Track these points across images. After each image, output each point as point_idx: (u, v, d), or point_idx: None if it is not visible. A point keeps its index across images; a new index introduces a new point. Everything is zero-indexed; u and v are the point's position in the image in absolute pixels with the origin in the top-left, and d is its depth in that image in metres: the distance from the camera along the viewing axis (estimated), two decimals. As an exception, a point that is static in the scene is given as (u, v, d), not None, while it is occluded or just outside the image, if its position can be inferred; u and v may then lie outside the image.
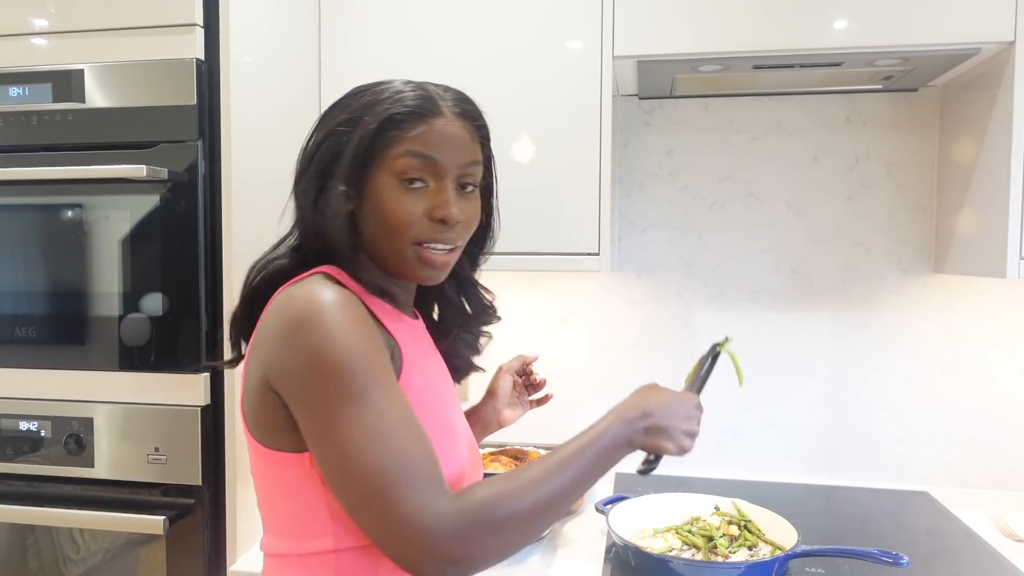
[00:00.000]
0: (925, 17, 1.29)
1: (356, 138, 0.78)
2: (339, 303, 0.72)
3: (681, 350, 1.71)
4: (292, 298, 0.73)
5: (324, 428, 0.70)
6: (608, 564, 1.22)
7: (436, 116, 0.80)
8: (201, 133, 1.21)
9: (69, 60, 1.25)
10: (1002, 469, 1.60)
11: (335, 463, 0.69)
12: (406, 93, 0.80)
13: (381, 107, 0.79)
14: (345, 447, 0.68)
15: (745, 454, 1.70)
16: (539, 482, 0.73)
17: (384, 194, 0.79)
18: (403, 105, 0.79)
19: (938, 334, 1.62)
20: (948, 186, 1.56)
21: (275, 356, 0.73)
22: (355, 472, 0.68)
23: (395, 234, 0.80)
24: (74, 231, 1.24)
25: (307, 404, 0.71)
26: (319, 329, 0.70)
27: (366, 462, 0.68)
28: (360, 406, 0.69)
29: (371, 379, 0.70)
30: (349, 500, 0.70)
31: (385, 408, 0.70)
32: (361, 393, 0.69)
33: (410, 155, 0.79)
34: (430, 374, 0.86)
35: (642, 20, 1.37)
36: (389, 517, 0.67)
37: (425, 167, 0.79)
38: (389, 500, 0.67)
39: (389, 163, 0.79)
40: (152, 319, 1.22)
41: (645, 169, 1.72)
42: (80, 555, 1.27)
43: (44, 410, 1.27)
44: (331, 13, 1.49)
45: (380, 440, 0.68)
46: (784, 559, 1.14)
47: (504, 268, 1.44)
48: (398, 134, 0.79)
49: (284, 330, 0.72)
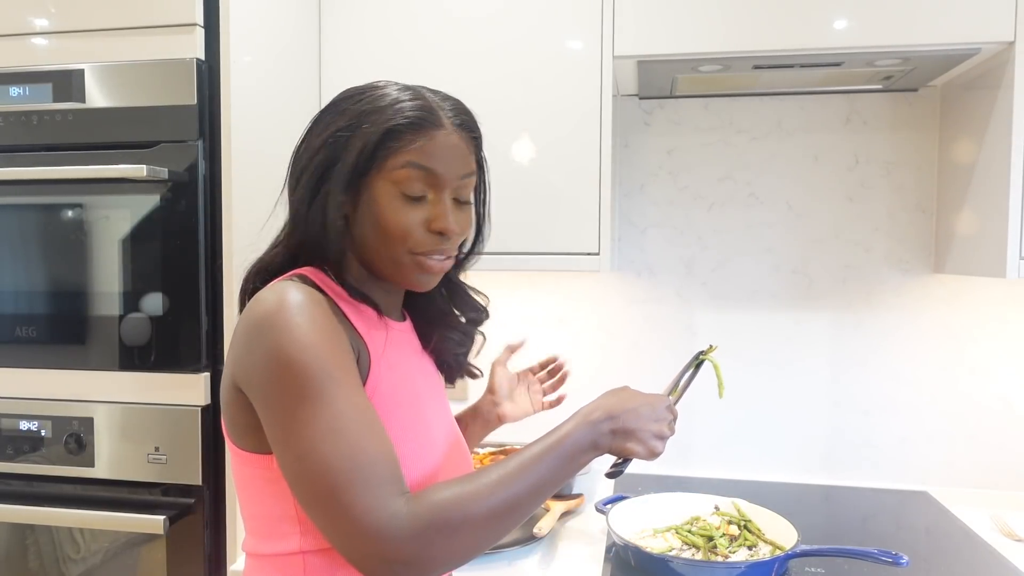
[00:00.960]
0: (925, 17, 1.29)
1: (357, 145, 0.78)
2: (301, 303, 0.72)
3: (681, 350, 1.71)
4: (258, 299, 0.74)
5: (281, 428, 0.70)
6: (608, 564, 1.22)
7: (437, 128, 0.80)
8: (201, 133, 1.21)
9: (69, 60, 1.25)
10: (1002, 469, 1.60)
11: (291, 462, 0.69)
12: (406, 102, 0.79)
13: (382, 116, 0.78)
14: (300, 447, 0.68)
15: (745, 454, 1.70)
16: (499, 485, 0.71)
17: (382, 203, 0.79)
18: (404, 116, 0.78)
19: (938, 334, 1.62)
20: (948, 186, 1.56)
21: (240, 356, 0.73)
22: (309, 471, 0.68)
23: (392, 243, 0.80)
24: (74, 231, 1.25)
25: (266, 404, 0.71)
26: (278, 329, 0.70)
27: (319, 461, 0.67)
28: (316, 405, 0.68)
29: (328, 378, 0.69)
30: (304, 499, 0.70)
31: (342, 408, 0.69)
32: (317, 393, 0.69)
33: (411, 166, 0.78)
34: (405, 375, 0.85)
35: (642, 20, 1.37)
36: (341, 516, 0.67)
37: (425, 179, 0.79)
38: (341, 499, 0.67)
39: (389, 173, 0.79)
40: (152, 319, 1.22)
41: (645, 169, 1.72)
42: (80, 555, 1.27)
43: (44, 410, 1.27)
44: (331, 13, 1.49)
45: (334, 439, 0.68)
46: (784, 559, 1.14)
47: (504, 268, 1.44)
48: (399, 145, 0.78)
49: (248, 330, 0.73)
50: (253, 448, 0.77)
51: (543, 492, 0.75)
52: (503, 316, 1.76)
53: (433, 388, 0.92)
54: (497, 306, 1.76)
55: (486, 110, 0.90)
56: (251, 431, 0.76)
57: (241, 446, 0.78)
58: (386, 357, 0.82)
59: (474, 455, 1.60)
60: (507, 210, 1.43)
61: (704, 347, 1.07)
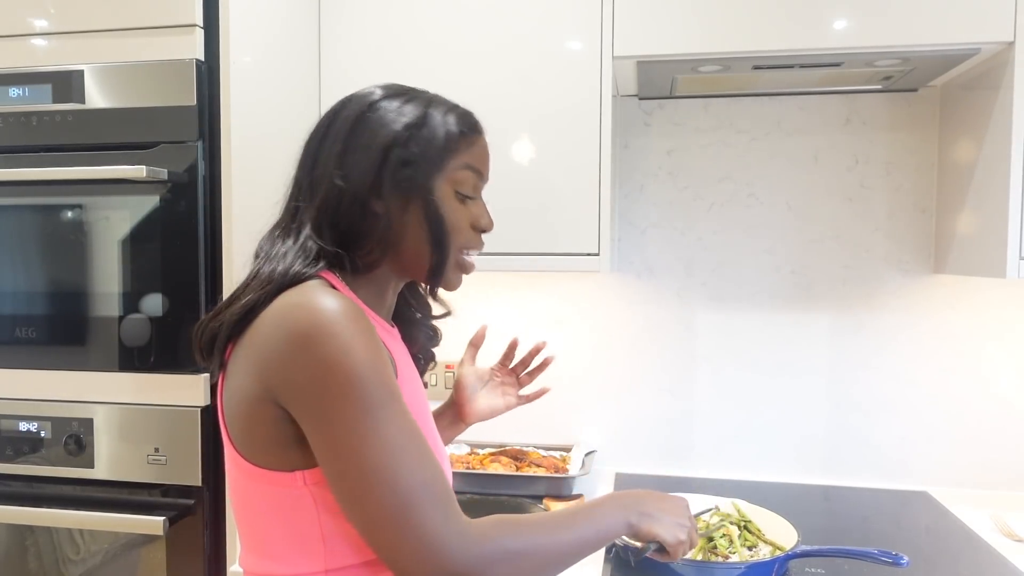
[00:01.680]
0: (925, 17, 1.29)
1: (425, 147, 0.80)
2: (348, 314, 0.70)
3: (681, 351, 1.71)
4: (295, 306, 0.71)
5: (341, 443, 0.68)
6: (608, 564, 1.22)
7: (480, 133, 0.87)
8: (201, 134, 1.21)
9: (69, 61, 1.25)
10: (1002, 469, 1.60)
11: (354, 479, 0.68)
12: (452, 108, 0.84)
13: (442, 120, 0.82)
14: (365, 463, 0.67)
15: (745, 454, 1.70)
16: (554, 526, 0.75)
17: (443, 203, 0.82)
18: (460, 121, 0.84)
19: (938, 334, 1.62)
20: (948, 186, 1.56)
21: (281, 369, 0.70)
22: (376, 489, 0.67)
23: (447, 242, 0.82)
24: (74, 232, 1.25)
25: (321, 419, 0.69)
26: (332, 341, 0.68)
27: (388, 478, 0.67)
28: (377, 421, 0.68)
29: (388, 393, 0.69)
30: (366, 517, 0.68)
31: (401, 423, 0.70)
32: (378, 408, 0.68)
33: (469, 169, 0.84)
34: (413, 385, 0.87)
35: (642, 20, 1.37)
36: (412, 534, 0.67)
37: (476, 181, 0.86)
38: (412, 517, 0.67)
39: (451, 174, 0.82)
40: (152, 319, 1.22)
41: (645, 169, 1.72)
42: (80, 555, 1.27)
43: (44, 411, 1.27)
44: (331, 14, 1.49)
45: (400, 456, 0.68)
46: (784, 559, 1.14)
47: (504, 268, 1.44)
48: (461, 147, 0.83)
49: (291, 341, 0.69)
50: (274, 465, 0.73)
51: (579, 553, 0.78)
52: (503, 316, 1.76)
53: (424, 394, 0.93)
54: (497, 306, 1.77)
55: (486, 110, 0.90)
56: (275, 447, 0.73)
57: (257, 462, 0.74)
58: (400, 366, 0.82)
59: (473, 455, 1.60)
60: (507, 210, 1.43)
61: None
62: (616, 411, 1.74)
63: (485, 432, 1.77)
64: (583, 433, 1.75)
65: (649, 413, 1.73)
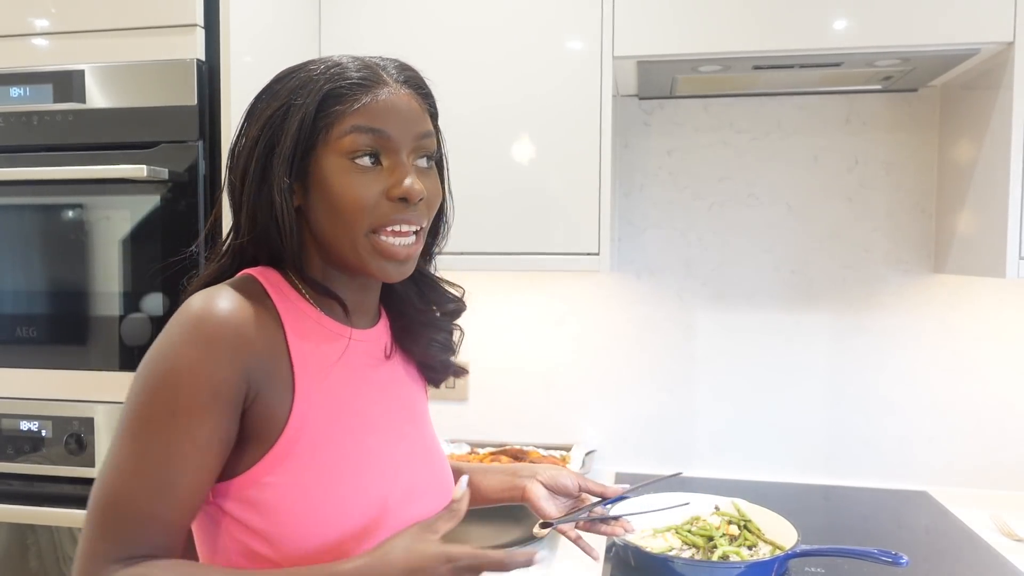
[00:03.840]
0: (924, 18, 1.29)
1: (295, 120, 0.70)
2: (202, 318, 0.66)
3: (681, 350, 1.71)
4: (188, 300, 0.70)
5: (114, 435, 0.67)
6: (608, 564, 1.23)
7: (379, 85, 0.72)
8: (201, 133, 1.21)
9: (70, 60, 1.25)
10: (1002, 469, 1.60)
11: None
12: (340, 66, 0.72)
13: (316, 84, 0.71)
14: (106, 459, 0.67)
15: (745, 454, 1.70)
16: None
17: (333, 179, 0.71)
18: (341, 78, 0.71)
19: (938, 334, 1.62)
20: (948, 186, 1.56)
21: None
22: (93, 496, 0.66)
23: (350, 222, 0.71)
24: (75, 231, 1.25)
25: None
26: (162, 340, 0.67)
27: (98, 487, 0.66)
28: (135, 433, 0.65)
29: (167, 414, 0.65)
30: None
31: (154, 449, 0.65)
32: (145, 422, 0.65)
33: (357, 131, 0.71)
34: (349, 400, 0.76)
35: (642, 20, 1.37)
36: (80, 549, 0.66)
37: (376, 142, 0.71)
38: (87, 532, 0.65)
39: (335, 143, 0.71)
40: (153, 319, 1.22)
41: (645, 169, 1.72)
42: (81, 555, 1.27)
43: (45, 410, 1.27)
44: (331, 13, 1.49)
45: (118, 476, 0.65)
46: (784, 559, 1.14)
47: (504, 268, 1.44)
48: (340, 109, 0.71)
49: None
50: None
51: None
52: (503, 316, 1.76)
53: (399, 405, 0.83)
54: (497, 306, 1.77)
55: (486, 111, 0.91)
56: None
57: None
58: (326, 377, 0.74)
59: (473, 454, 1.60)
60: (507, 210, 1.44)
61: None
62: (616, 411, 1.74)
63: (485, 432, 1.77)
64: (583, 433, 1.75)
65: (649, 413, 1.73)
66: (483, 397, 1.78)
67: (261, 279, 0.74)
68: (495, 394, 1.78)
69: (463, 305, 0.91)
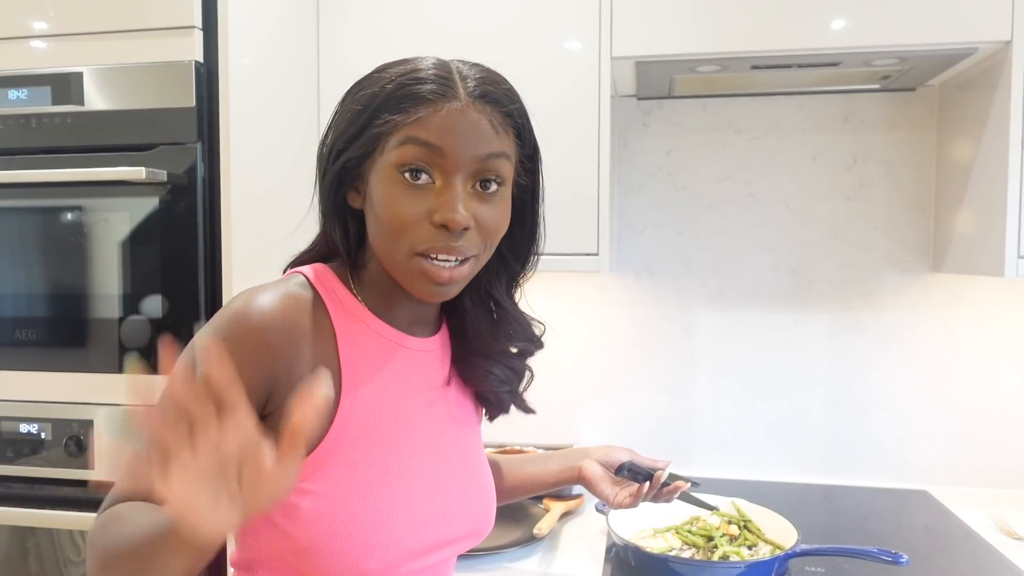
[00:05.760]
0: (922, 17, 1.29)
1: (358, 125, 0.69)
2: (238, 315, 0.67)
3: (680, 350, 1.71)
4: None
5: None
6: (608, 564, 1.23)
7: (447, 98, 0.67)
8: (200, 135, 1.21)
9: (68, 63, 1.25)
10: (1001, 468, 1.60)
11: None
12: (420, 71, 0.68)
13: (385, 89, 0.68)
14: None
15: (745, 454, 1.70)
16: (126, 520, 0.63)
17: (380, 189, 0.68)
18: (410, 85, 0.67)
19: (937, 333, 1.62)
20: (946, 185, 1.56)
21: None
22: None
23: (392, 240, 0.68)
24: (74, 233, 1.25)
25: None
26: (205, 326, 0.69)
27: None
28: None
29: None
30: None
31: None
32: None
33: (410, 142, 0.66)
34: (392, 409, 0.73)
35: (640, 21, 1.37)
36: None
37: (428, 157, 0.66)
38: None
39: (389, 153, 0.67)
40: (152, 321, 1.22)
41: (644, 169, 1.72)
42: (81, 557, 1.27)
43: (44, 412, 1.27)
44: (330, 15, 1.49)
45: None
46: (784, 558, 1.14)
47: (503, 269, 1.44)
48: (399, 119, 0.67)
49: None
50: None
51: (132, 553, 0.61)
52: (502, 317, 1.76)
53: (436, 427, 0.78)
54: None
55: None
56: None
57: None
58: (375, 388, 0.72)
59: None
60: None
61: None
62: (616, 411, 1.74)
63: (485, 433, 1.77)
64: (583, 433, 1.75)
65: (649, 413, 1.73)
66: (483, 398, 1.78)
67: (314, 280, 0.72)
68: (495, 395, 1.78)
69: (539, 344, 0.85)
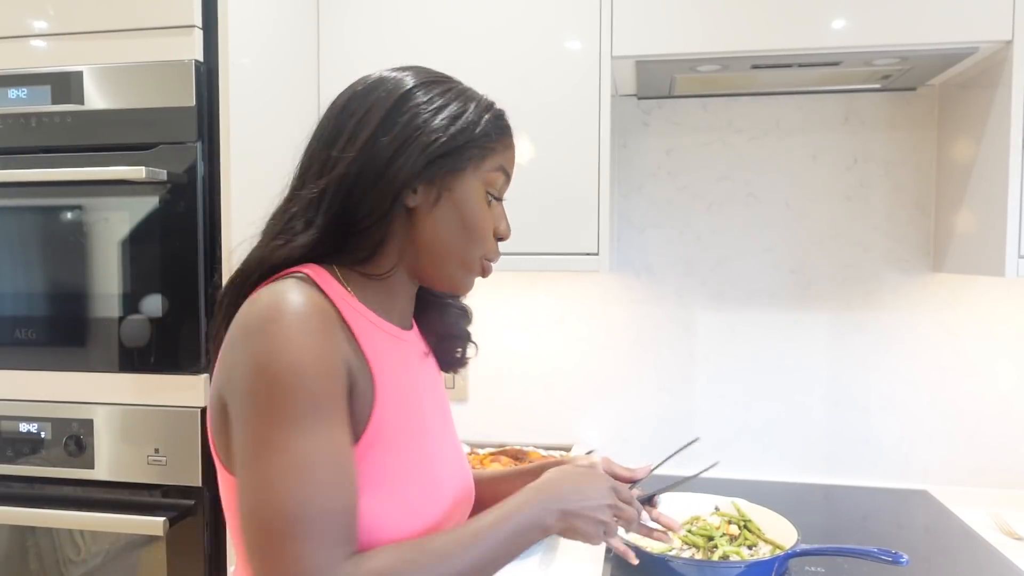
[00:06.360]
0: (923, 17, 1.29)
1: (467, 141, 0.75)
2: (303, 312, 0.65)
3: (680, 350, 1.71)
4: (257, 301, 0.67)
5: (247, 450, 0.63)
6: (608, 564, 1.23)
7: (512, 136, 0.82)
8: (200, 134, 1.21)
9: (68, 62, 1.25)
10: (1001, 468, 1.60)
11: (248, 490, 0.63)
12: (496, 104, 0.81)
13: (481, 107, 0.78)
14: (262, 475, 0.62)
15: (745, 454, 1.70)
16: (445, 556, 0.66)
17: (472, 202, 0.77)
18: (500, 116, 0.80)
19: (937, 333, 1.62)
20: (947, 185, 1.56)
21: (225, 361, 0.68)
22: (263, 507, 0.61)
23: (474, 242, 0.78)
24: (74, 233, 1.25)
25: (240, 419, 0.64)
26: (272, 338, 0.63)
27: (278, 499, 0.61)
28: (291, 435, 0.62)
29: (314, 407, 0.63)
30: (249, 535, 0.62)
31: (318, 444, 0.62)
32: (297, 421, 0.62)
33: (501, 171, 0.80)
34: (413, 399, 0.78)
35: (641, 20, 1.37)
36: (282, 566, 0.60)
37: (504, 187, 0.82)
38: (287, 549, 0.60)
39: (483, 172, 0.78)
40: (152, 320, 1.22)
41: (644, 169, 1.72)
42: (80, 556, 1.27)
43: (44, 412, 1.27)
44: (330, 15, 1.49)
45: (299, 479, 0.61)
46: (784, 558, 1.14)
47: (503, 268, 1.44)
48: (496, 147, 0.79)
49: (240, 335, 0.66)
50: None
51: (489, 567, 0.70)
52: (503, 317, 1.76)
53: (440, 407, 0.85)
54: (497, 306, 1.77)
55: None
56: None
57: (231, 469, 0.70)
58: (394, 375, 0.75)
59: (473, 455, 1.60)
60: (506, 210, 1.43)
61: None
62: (616, 410, 1.74)
63: (485, 432, 1.77)
64: (583, 433, 1.75)
65: (649, 412, 1.73)
66: (483, 397, 1.78)
67: (316, 280, 0.71)
68: (495, 394, 1.78)
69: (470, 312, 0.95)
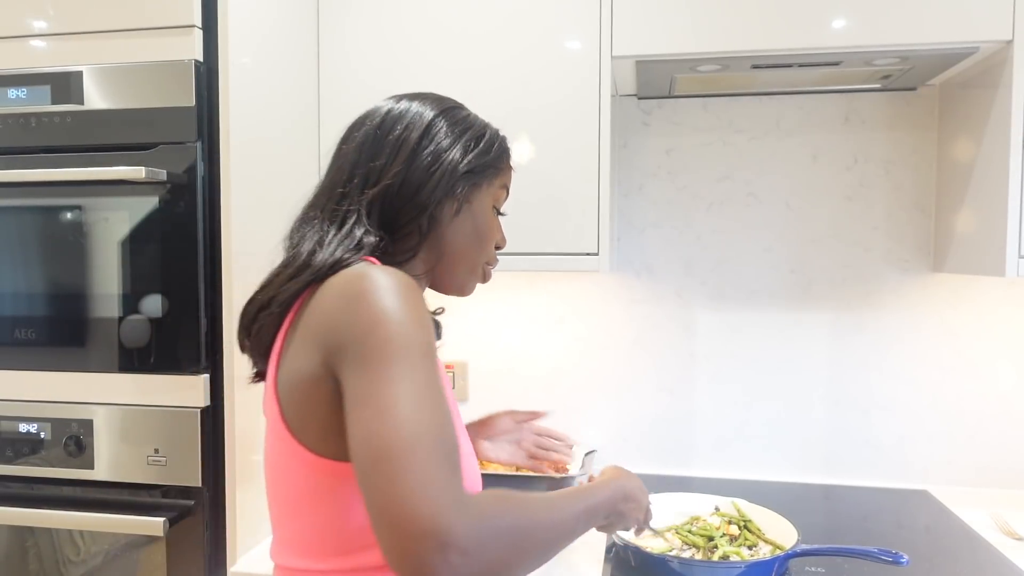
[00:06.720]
0: (923, 16, 1.29)
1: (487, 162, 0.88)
2: (402, 280, 0.72)
3: (680, 350, 1.71)
4: (354, 275, 0.73)
5: (369, 382, 0.65)
6: (608, 564, 1.22)
7: (511, 159, 0.96)
8: (200, 135, 1.21)
9: (68, 62, 1.25)
10: (1002, 468, 1.60)
11: (369, 418, 0.63)
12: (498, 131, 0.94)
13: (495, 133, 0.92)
14: (385, 401, 0.63)
15: (745, 454, 1.70)
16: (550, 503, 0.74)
17: (486, 214, 0.91)
18: (504, 144, 0.93)
19: (938, 333, 1.62)
20: (947, 185, 1.56)
21: (334, 330, 0.70)
22: (388, 425, 0.62)
23: (481, 251, 0.91)
24: (73, 233, 1.25)
25: (359, 362, 0.67)
26: (383, 297, 0.69)
27: (402, 419, 0.62)
28: (409, 370, 0.65)
29: (425, 351, 0.68)
30: (369, 454, 0.62)
31: (431, 381, 0.66)
32: (416, 359, 0.66)
33: (505, 188, 0.94)
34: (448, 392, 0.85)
35: (641, 20, 1.37)
36: (410, 477, 0.59)
37: (504, 201, 0.95)
38: (416, 461, 0.60)
39: (494, 189, 0.91)
40: (151, 321, 1.22)
41: (644, 169, 1.72)
42: (80, 557, 1.27)
43: (44, 412, 1.27)
44: (330, 15, 1.49)
45: (420, 405, 0.64)
46: (784, 558, 1.14)
47: (503, 268, 1.44)
48: (503, 167, 0.92)
49: (347, 302, 0.70)
50: (331, 454, 0.72)
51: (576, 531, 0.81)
52: (503, 316, 1.76)
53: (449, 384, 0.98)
54: (497, 306, 1.77)
55: (485, 111, 0.91)
56: (333, 434, 0.71)
57: (316, 450, 0.73)
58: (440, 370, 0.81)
59: (474, 456, 1.60)
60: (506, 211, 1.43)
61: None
62: (616, 410, 1.74)
63: (485, 432, 1.77)
64: (583, 433, 1.75)
65: (649, 412, 1.73)
66: (483, 397, 1.78)
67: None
68: (495, 394, 1.78)
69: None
